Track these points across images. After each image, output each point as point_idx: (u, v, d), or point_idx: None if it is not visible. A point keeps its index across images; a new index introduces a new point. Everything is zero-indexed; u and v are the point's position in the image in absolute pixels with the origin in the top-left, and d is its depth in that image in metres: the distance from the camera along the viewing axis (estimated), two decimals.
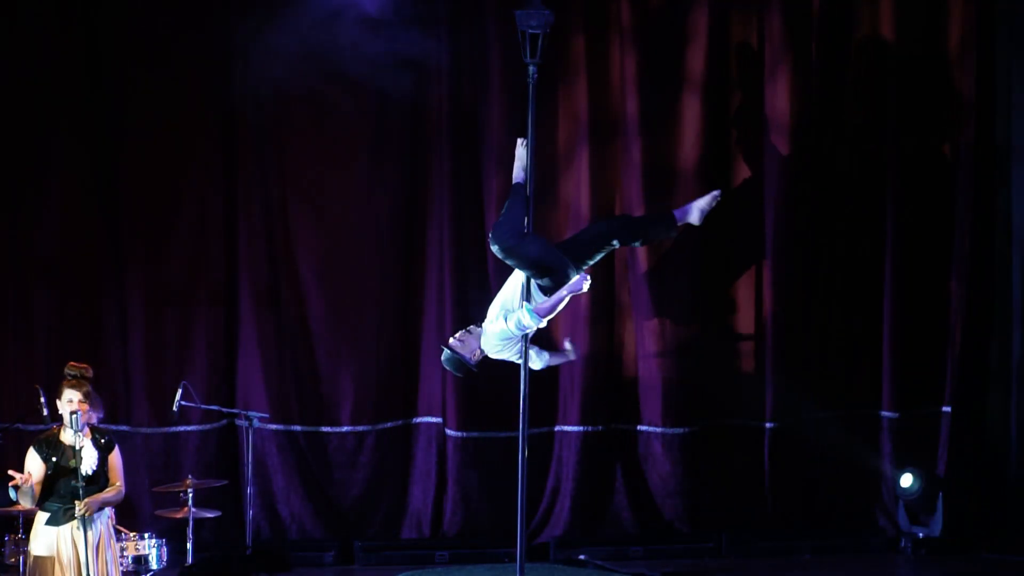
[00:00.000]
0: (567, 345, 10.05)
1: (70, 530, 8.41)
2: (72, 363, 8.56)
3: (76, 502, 8.34)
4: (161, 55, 11.84)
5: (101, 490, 8.47)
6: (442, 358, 9.69)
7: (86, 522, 8.37)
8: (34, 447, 8.45)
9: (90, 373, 8.54)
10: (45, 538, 8.42)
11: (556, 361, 10.00)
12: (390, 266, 12.25)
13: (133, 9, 11.84)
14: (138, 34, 11.83)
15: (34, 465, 8.40)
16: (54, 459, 8.39)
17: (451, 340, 9.64)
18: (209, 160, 12.02)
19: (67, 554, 8.39)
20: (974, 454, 12.45)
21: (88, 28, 11.81)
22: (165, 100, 11.87)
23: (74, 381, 8.43)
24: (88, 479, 8.39)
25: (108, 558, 8.58)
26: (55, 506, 8.41)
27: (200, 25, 11.90)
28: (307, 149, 12.15)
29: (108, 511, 8.63)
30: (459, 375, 9.87)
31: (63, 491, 8.39)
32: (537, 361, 9.71)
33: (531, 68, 9.35)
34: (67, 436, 8.44)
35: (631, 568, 11.66)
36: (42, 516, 8.44)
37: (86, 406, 8.42)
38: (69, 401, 8.38)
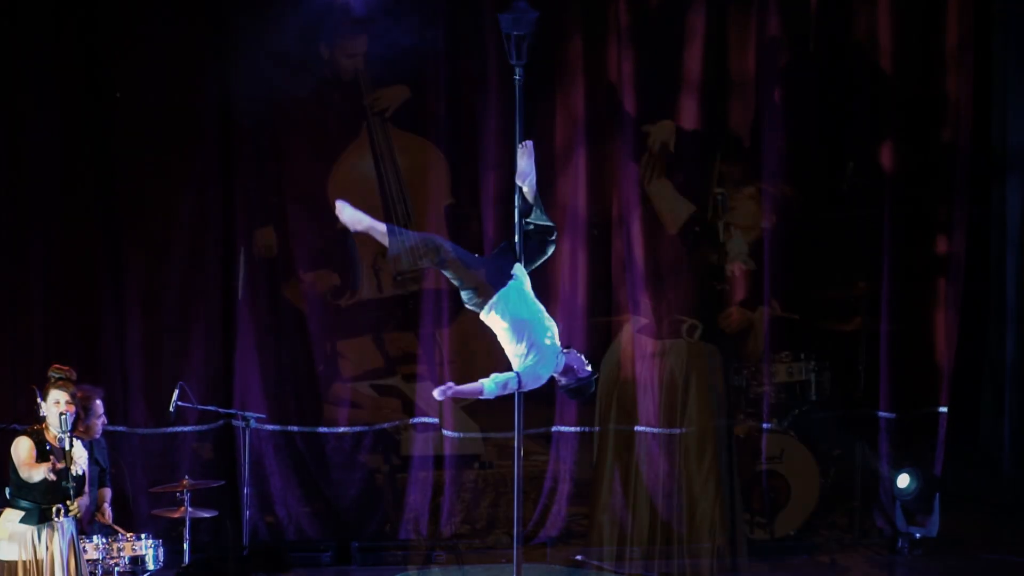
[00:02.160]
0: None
1: (44, 531, 8.37)
2: (57, 365, 8.55)
3: (68, 503, 8.34)
4: (159, 56, 11.86)
5: (81, 491, 8.48)
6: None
7: (65, 523, 8.38)
8: (28, 435, 8.40)
9: (74, 376, 8.54)
10: (14, 539, 8.34)
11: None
12: (388, 266, 12.26)
13: (130, 11, 11.86)
14: (136, 36, 11.86)
15: (29, 447, 8.35)
16: (49, 454, 8.39)
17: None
18: (207, 160, 12.04)
19: (42, 555, 8.35)
20: (971, 454, 12.44)
21: (85, 30, 11.84)
22: (163, 101, 11.89)
23: (61, 383, 8.42)
24: (77, 479, 8.40)
25: (81, 558, 8.59)
26: (30, 505, 8.36)
27: (197, 26, 11.93)
28: (304, 148, 12.16)
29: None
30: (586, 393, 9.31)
31: (45, 489, 8.35)
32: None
33: (518, 70, 9.34)
34: (52, 437, 8.43)
35: (629, 568, 11.67)
36: (13, 515, 8.37)
37: (72, 407, 8.42)
38: (56, 403, 8.38)
